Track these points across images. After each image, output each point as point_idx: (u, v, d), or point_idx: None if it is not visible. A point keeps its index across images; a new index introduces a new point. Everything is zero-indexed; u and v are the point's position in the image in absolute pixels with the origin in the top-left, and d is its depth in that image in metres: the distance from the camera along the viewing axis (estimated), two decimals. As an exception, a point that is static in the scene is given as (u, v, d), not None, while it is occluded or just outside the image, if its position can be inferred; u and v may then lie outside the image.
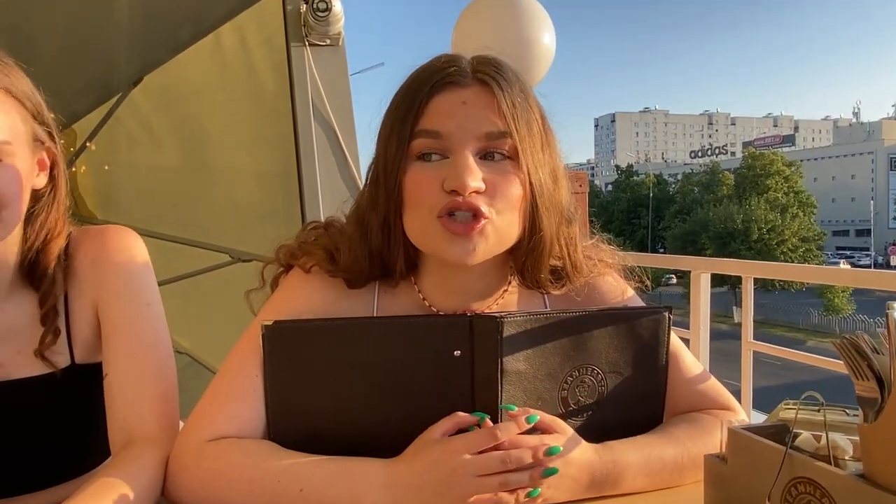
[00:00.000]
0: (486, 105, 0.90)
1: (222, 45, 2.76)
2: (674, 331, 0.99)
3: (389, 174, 0.91)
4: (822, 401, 0.74)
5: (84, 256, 1.04)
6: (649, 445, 0.90)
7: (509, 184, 0.89)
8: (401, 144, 0.90)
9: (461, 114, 0.89)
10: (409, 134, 0.89)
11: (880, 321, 0.62)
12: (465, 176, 0.86)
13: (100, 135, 3.20)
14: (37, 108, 0.96)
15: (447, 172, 0.87)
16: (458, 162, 0.87)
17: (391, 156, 0.91)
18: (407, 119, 0.90)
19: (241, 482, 0.83)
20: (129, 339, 1.01)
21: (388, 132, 0.92)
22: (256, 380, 0.90)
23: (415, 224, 0.91)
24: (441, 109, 0.90)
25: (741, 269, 3.22)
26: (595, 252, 1.06)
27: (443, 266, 0.96)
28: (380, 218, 0.93)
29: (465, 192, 0.86)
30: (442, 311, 0.99)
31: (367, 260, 0.95)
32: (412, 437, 0.84)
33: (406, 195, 0.90)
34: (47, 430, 1.01)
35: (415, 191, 0.89)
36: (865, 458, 0.64)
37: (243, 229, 3.10)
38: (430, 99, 0.90)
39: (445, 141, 0.89)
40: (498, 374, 0.84)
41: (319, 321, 0.92)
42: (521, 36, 3.01)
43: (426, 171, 0.89)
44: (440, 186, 0.88)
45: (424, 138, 0.89)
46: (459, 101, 0.90)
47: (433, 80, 0.91)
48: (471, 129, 0.88)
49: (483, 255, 0.90)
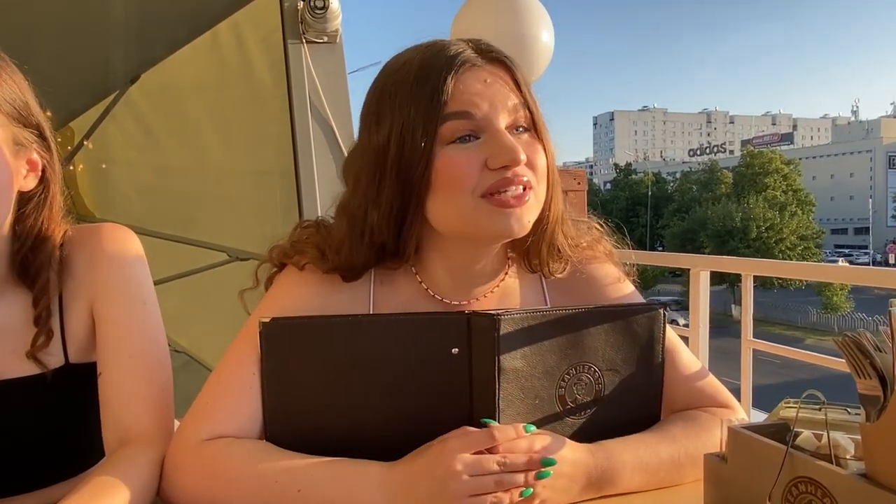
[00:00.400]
0: (504, 81, 0.92)
1: (219, 43, 2.75)
2: (673, 329, 0.99)
3: (413, 163, 0.89)
4: (824, 399, 0.74)
5: (79, 255, 1.03)
6: (644, 443, 0.90)
7: (538, 154, 0.92)
8: (427, 131, 0.88)
9: (487, 92, 0.90)
10: (437, 120, 0.88)
11: (879, 318, 0.62)
12: (514, 150, 0.87)
13: (97, 133, 3.20)
14: (20, 111, 0.94)
15: (490, 150, 0.88)
16: (500, 139, 0.88)
17: (413, 144, 0.88)
18: (432, 105, 0.88)
19: (239, 482, 0.82)
20: (124, 338, 1.00)
21: (407, 121, 0.89)
22: (254, 378, 0.89)
23: (450, 208, 0.90)
24: (468, 90, 0.89)
25: (740, 267, 3.22)
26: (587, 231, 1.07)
27: (458, 248, 0.96)
28: (386, 212, 0.91)
29: (518, 165, 0.88)
30: (443, 297, 0.99)
31: (364, 255, 0.94)
32: (410, 435, 0.83)
33: (439, 180, 0.89)
34: (41, 431, 1.01)
35: (453, 173, 0.88)
36: (867, 458, 0.64)
37: (241, 228, 3.10)
38: (454, 82, 0.89)
39: (478, 121, 0.89)
40: (495, 372, 0.83)
41: (317, 318, 0.91)
42: (520, 33, 3.00)
43: (462, 152, 0.89)
44: (482, 166, 0.88)
45: (455, 120, 0.89)
46: (482, 80, 0.91)
47: (452, 63, 0.90)
48: (499, 106, 0.90)
49: (530, 226, 0.92)
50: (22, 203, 0.98)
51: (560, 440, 0.84)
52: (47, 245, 0.99)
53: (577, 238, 1.04)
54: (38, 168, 0.98)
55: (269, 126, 2.75)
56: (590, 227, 1.08)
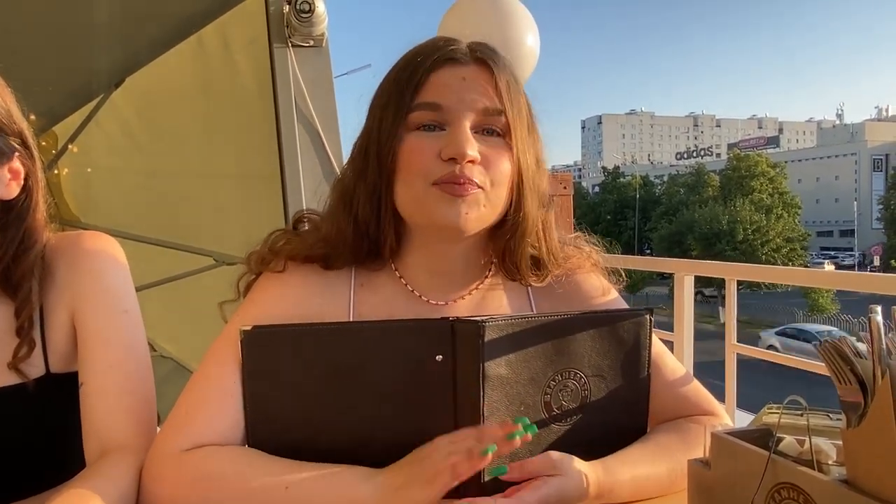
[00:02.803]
0: (484, 82, 0.93)
1: (205, 47, 2.74)
2: (658, 333, 0.99)
3: (384, 144, 0.92)
4: (805, 405, 0.74)
5: (60, 263, 1.01)
6: (643, 460, 0.91)
7: (502, 159, 0.93)
8: (398, 116, 0.92)
9: (461, 88, 0.92)
10: (407, 106, 0.92)
11: (864, 321, 0.62)
12: (464, 144, 0.89)
13: (81, 137, 3.18)
14: (1, 119, 0.93)
15: (445, 142, 0.90)
16: (456, 132, 0.90)
17: (387, 126, 0.92)
18: (405, 92, 0.92)
19: (223, 486, 0.82)
20: (105, 347, 0.99)
21: (384, 104, 0.94)
22: (235, 386, 0.88)
23: (408, 193, 0.92)
24: (441, 83, 0.92)
25: (725, 272, 3.23)
26: (576, 248, 1.07)
27: (429, 242, 0.97)
28: (369, 188, 0.94)
29: (464, 160, 0.89)
30: (422, 295, 0.99)
31: (352, 231, 0.95)
32: (393, 442, 0.83)
33: (400, 164, 0.92)
34: (22, 441, 0.99)
35: (411, 159, 0.91)
36: (849, 463, 0.64)
37: (227, 232, 3.09)
38: (431, 74, 0.92)
39: (445, 113, 0.91)
40: (480, 379, 0.83)
41: (299, 326, 0.90)
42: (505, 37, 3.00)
43: (423, 140, 0.91)
44: (437, 155, 0.90)
45: (424, 111, 0.91)
46: (459, 76, 0.93)
47: (434, 56, 0.93)
48: (469, 103, 0.91)
49: (474, 222, 0.92)
50: (4, 211, 0.97)
51: (568, 457, 0.84)
52: (30, 254, 0.98)
53: (563, 251, 1.04)
54: (20, 176, 0.97)
55: (255, 130, 2.74)
56: (577, 239, 1.09)
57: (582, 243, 1.08)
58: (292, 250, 0.97)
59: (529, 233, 0.98)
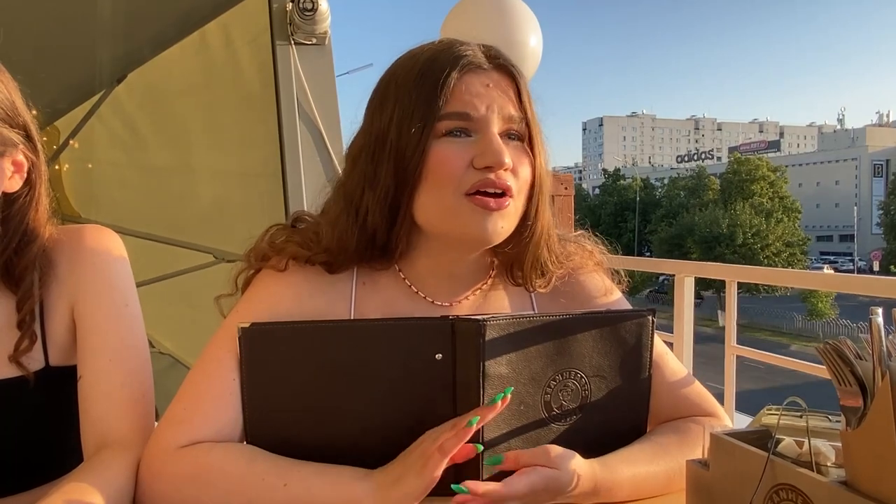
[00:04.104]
0: (506, 88, 0.94)
1: (207, 44, 2.74)
2: (658, 334, 0.99)
3: (409, 153, 0.90)
4: (805, 406, 0.74)
5: (61, 257, 1.01)
6: (643, 460, 0.91)
7: (524, 166, 0.93)
8: (425, 124, 0.89)
9: (488, 95, 0.91)
10: (435, 116, 0.89)
11: (863, 325, 0.62)
12: (500, 153, 0.88)
13: (83, 132, 3.17)
14: (6, 112, 0.93)
15: (478, 149, 0.89)
16: (490, 139, 0.90)
17: (413, 134, 0.90)
18: (432, 100, 0.90)
19: (221, 482, 0.82)
20: (104, 340, 0.99)
21: (406, 111, 0.90)
22: (233, 383, 0.88)
23: (436, 203, 0.91)
24: (470, 91, 0.91)
25: (725, 274, 3.22)
26: (578, 246, 1.07)
27: (445, 249, 0.96)
28: (381, 195, 0.91)
29: (502, 168, 0.88)
30: (428, 297, 0.99)
31: (356, 238, 0.93)
32: (392, 441, 0.83)
33: (428, 173, 0.90)
34: (21, 434, 0.99)
35: (440, 168, 0.89)
36: (848, 465, 0.64)
37: (227, 229, 3.08)
38: (457, 81, 0.91)
39: (474, 122, 0.90)
40: (480, 378, 0.83)
41: (298, 323, 0.90)
42: (508, 38, 3.00)
43: (452, 147, 0.90)
44: (468, 164, 0.89)
45: (453, 119, 0.90)
46: (484, 83, 0.92)
47: (458, 63, 0.92)
48: (496, 110, 0.91)
49: (504, 234, 0.92)
50: (7, 204, 0.97)
51: (569, 453, 0.85)
52: (32, 247, 0.98)
53: (565, 254, 1.03)
54: (23, 169, 0.97)
55: (257, 128, 2.74)
56: (579, 237, 1.08)
57: (585, 241, 1.08)
58: (295, 253, 0.96)
59: (542, 240, 0.98)
